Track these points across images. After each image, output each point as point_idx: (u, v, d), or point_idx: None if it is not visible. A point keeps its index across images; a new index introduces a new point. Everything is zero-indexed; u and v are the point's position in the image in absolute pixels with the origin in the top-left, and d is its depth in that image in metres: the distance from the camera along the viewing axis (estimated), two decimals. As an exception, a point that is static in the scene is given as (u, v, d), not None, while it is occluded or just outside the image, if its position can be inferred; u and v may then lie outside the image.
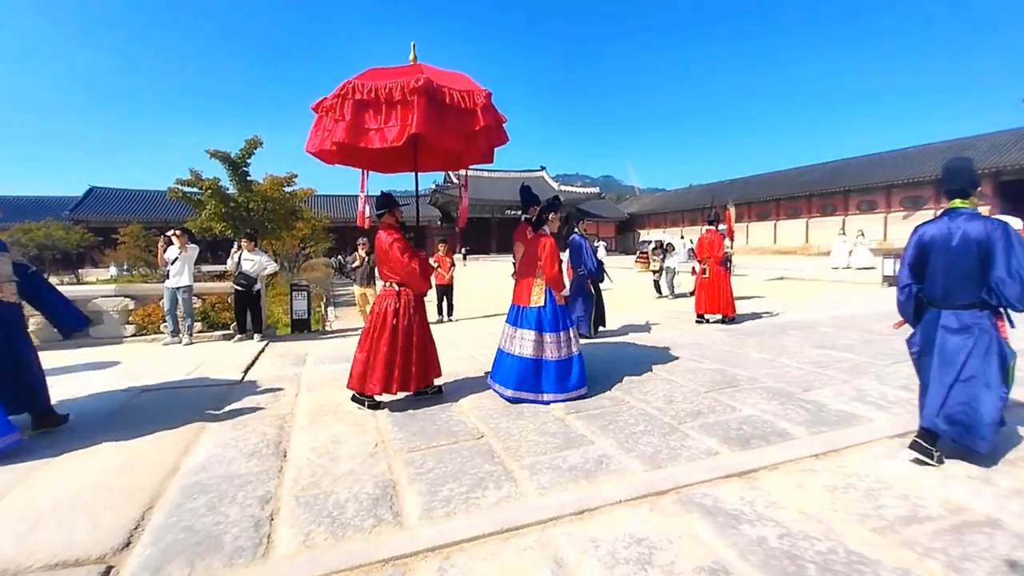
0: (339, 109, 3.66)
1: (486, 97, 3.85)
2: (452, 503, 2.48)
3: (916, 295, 3.07)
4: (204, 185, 12.94)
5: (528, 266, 4.21)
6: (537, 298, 4.13)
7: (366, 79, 3.69)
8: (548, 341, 4.07)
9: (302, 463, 2.98)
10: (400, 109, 3.62)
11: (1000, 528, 2.17)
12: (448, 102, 3.71)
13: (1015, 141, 26.83)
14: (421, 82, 3.54)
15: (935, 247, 2.93)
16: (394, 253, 3.91)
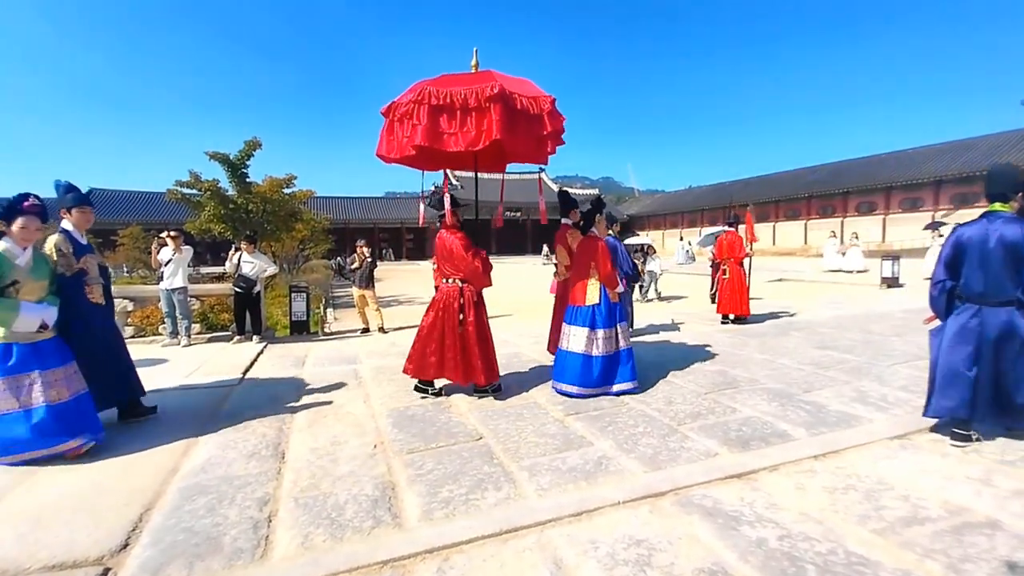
0: (415, 114, 3.78)
1: (551, 103, 4.00)
2: (451, 504, 2.47)
3: (950, 291, 3.23)
4: (203, 187, 12.94)
5: (581, 267, 4.38)
6: (592, 296, 4.28)
7: (440, 84, 3.82)
8: (600, 337, 4.19)
9: (301, 464, 2.98)
10: (475, 115, 3.76)
11: (1000, 529, 2.17)
12: (519, 108, 3.84)
13: (1015, 142, 26.90)
14: (496, 90, 3.68)
15: (972, 247, 3.08)
16: (458, 251, 4.09)
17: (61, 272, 3.40)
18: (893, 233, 29.97)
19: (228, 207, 13.06)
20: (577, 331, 4.24)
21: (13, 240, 3.08)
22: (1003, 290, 2.98)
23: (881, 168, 33.03)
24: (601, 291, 4.27)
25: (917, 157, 31.78)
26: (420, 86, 3.86)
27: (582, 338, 4.19)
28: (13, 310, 2.96)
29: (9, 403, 2.96)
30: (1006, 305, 2.98)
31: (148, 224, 26.42)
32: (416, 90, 3.85)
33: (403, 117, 3.89)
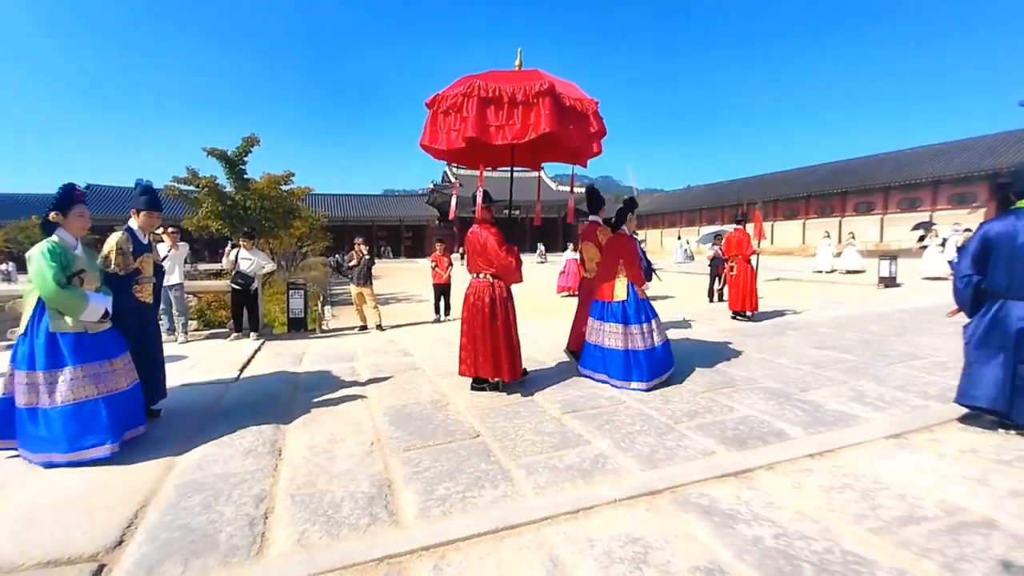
0: (464, 106, 3.88)
1: (596, 105, 4.18)
2: (448, 502, 2.47)
3: (975, 285, 3.34)
4: (201, 183, 12.89)
5: (611, 263, 4.51)
6: (620, 293, 4.40)
7: (488, 79, 3.93)
8: (634, 332, 4.31)
9: (298, 462, 2.97)
10: (523, 109, 3.85)
11: (996, 529, 2.17)
12: (567, 105, 3.98)
13: (1012, 143, 26.94)
14: (546, 86, 3.80)
15: (1000, 243, 3.21)
16: (492, 247, 4.15)
17: (115, 270, 3.48)
18: (891, 233, 30.03)
19: (226, 204, 13.02)
20: (608, 327, 4.37)
21: (68, 231, 3.10)
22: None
23: (879, 168, 33.07)
24: (629, 288, 4.39)
25: (915, 157, 31.83)
26: (469, 80, 3.96)
27: (617, 334, 4.32)
28: (84, 299, 2.98)
29: (75, 393, 2.94)
30: None
31: (146, 220, 26.30)
32: (465, 83, 3.94)
33: (450, 109, 3.98)
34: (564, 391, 4.27)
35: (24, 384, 2.91)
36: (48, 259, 2.87)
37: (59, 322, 2.94)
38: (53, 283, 2.85)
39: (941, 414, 3.56)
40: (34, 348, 2.92)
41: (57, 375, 2.92)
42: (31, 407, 2.91)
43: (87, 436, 2.93)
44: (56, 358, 2.93)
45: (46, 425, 2.89)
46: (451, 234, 43.66)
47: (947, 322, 7.21)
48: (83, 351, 2.99)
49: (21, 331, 2.97)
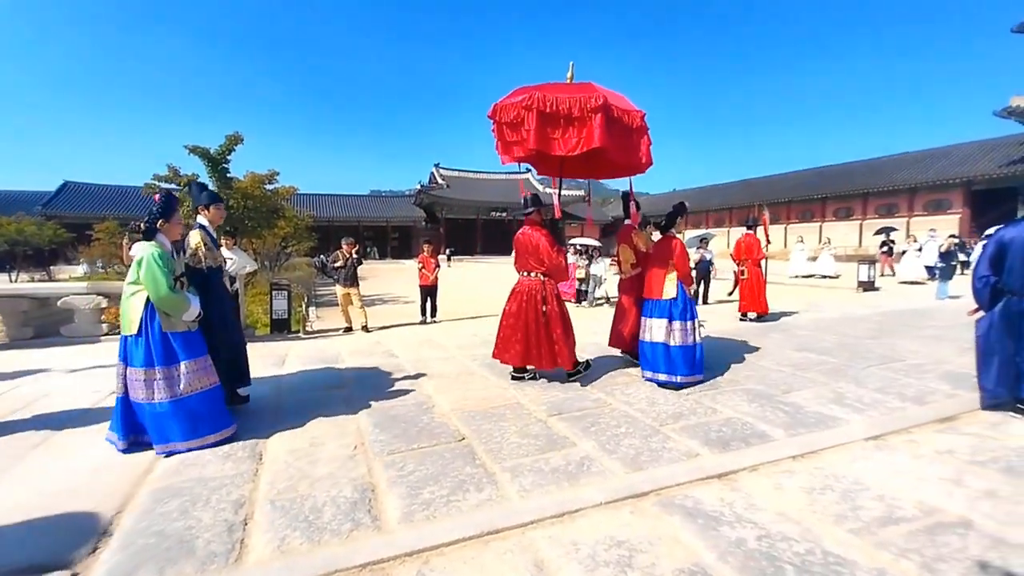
0: (526, 119, 4.13)
1: (642, 118, 4.37)
2: (432, 506, 2.44)
3: (993, 285, 3.65)
4: (182, 181, 12.65)
5: (660, 263, 4.74)
6: (670, 290, 4.61)
7: (545, 92, 4.13)
8: (676, 328, 4.50)
9: (279, 466, 2.92)
10: (577, 123, 4.09)
11: (972, 529, 2.22)
12: (615, 116, 4.18)
13: (985, 151, 27.71)
14: (600, 101, 4.02)
15: (1014, 246, 3.56)
16: (544, 248, 4.47)
17: (208, 265, 3.69)
18: (869, 238, 30.67)
19: (208, 202, 12.80)
20: (656, 322, 4.58)
21: (167, 237, 3.33)
22: None
23: (859, 175, 33.79)
24: (679, 286, 4.62)
25: (893, 165, 32.58)
26: (528, 92, 4.17)
27: (662, 329, 4.52)
28: (188, 301, 3.22)
29: (191, 386, 3.16)
30: None
31: (124, 219, 25.75)
32: (523, 95, 4.17)
33: (512, 121, 4.25)
34: (550, 393, 4.27)
35: (141, 380, 3.09)
36: (160, 265, 3.08)
37: (169, 322, 3.16)
38: (166, 288, 3.08)
39: (918, 416, 3.64)
40: (150, 346, 3.11)
41: (173, 370, 3.14)
42: (148, 402, 3.10)
43: (203, 424, 3.18)
44: (170, 355, 3.15)
45: (165, 417, 3.09)
46: (438, 235, 43.62)
47: (923, 325, 7.38)
48: (191, 347, 3.22)
49: (133, 331, 3.12)
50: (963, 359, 5.32)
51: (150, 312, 3.13)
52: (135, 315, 3.12)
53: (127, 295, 3.18)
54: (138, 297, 3.14)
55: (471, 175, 52.63)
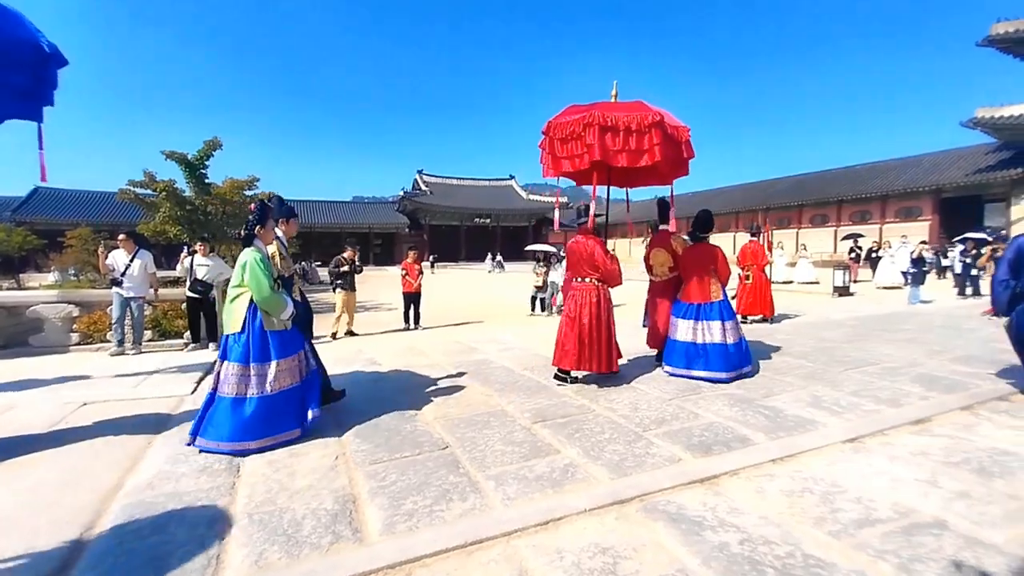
0: (588, 134, 4.41)
1: (687, 132, 4.74)
2: (415, 517, 2.41)
3: (1013, 289, 3.93)
4: (158, 187, 12.40)
5: (700, 268, 5.05)
6: (716, 294, 4.97)
7: (603, 109, 4.45)
8: (728, 328, 4.86)
9: (257, 478, 2.85)
10: (636, 137, 4.39)
11: (947, 529, 2.27)
12: (668, 132, 4.50)
13: (953, 161, 28.67)
14: (657, 118, 4.37)
15: None
16: (599, 255, 4.71)
17: (280, 273, 3.76)
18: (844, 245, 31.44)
19: (185, 209, 12.55)
20: (708, 325, 4.88)
21: (263, 242, 3.58)
22: None
23: (834, 182, 34.64)
24: (723, 289, 4.99)
25: (866, 173, 33.49)
26: (584, 109, 4.52)
27: (716, 329, 4.84)
28: (285, 301, 3.46)
29: (280, 383, 3.34)
30: None
31: (98, 225, 25.13)
32: (580, 112, 4.52)
33: (568, 136, 4.58)
34: (534, 400, 4.26)
35: (236, 376, 3.27)
36: (262, 268, 3.34)
37: (269, 321, 3.39)
38: (268, 288, 3.33)
39: (893, 418, 3.71)
40: (249, 344, 3.31)
41: (265, 368, 3.32)
42: (238, 397, 3.25)
43: (279, 423, 3.30)
44: (265, 353, 3.34)
45: (251, 413, 3.23)
46: (422, 242, 43.43)
47: (896, 329, 7.57)
48: (284, 346, 3.42)
49: (237, 329, 3.34)
50: (934, 362, 5.48)
51: (253, 312, 3.36)
52: (239, 314, 3.36)
53: (231, 297, 3.42)
54: (242, 298, 3.38)
55: (455, 181, 52.64)
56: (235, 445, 3.16)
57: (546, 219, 52.60)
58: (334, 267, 8.98)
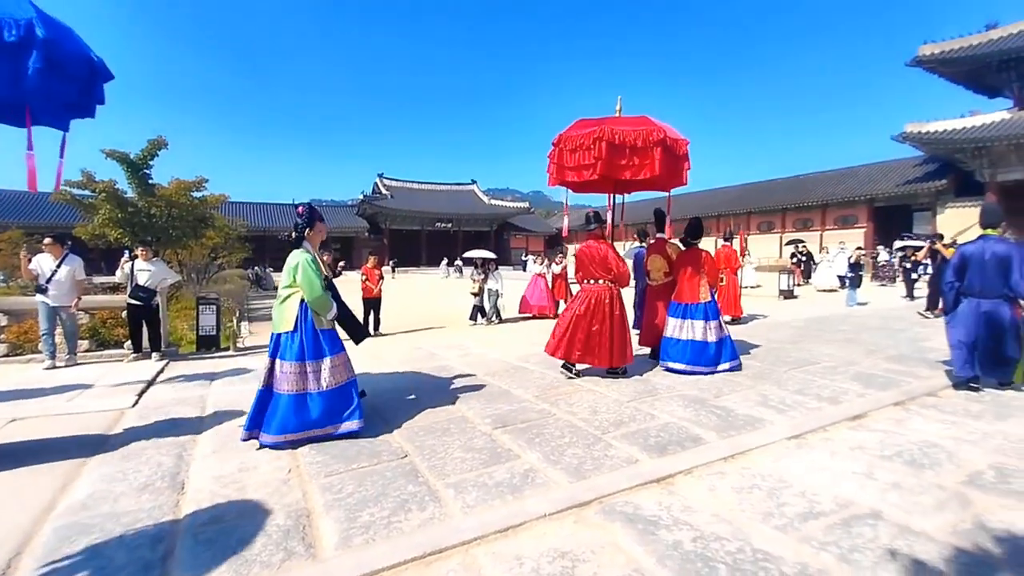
0: (596, 148, 4.81)
1: (686, 145, 5.21)
2: (372, 529, 2.35)
3: (957, 289, 4.66)
4: (98, 188, 11.67)
5: (692, 271, 5.45)
6: (704, 295, 5.37)
7: (611, 125, 4.87)
8: (712, 327, 5.26)
9: (203, 496, 2.71)
10: (641, 153, 4.84)
11: (882, 519, 2.41)
12: (669, 146, 4.93)
13: (885, 172, 30.73)
14: (660, 136, 4.81)
15: (973, 259, 4.55)
16: (612, 258, 5.11)
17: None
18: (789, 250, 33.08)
19: (127, 211, 11.86)
20: (693, 324, 5.28)
21: (311, 244, 3.73)
22: (994, 289, 4.47)
23: (779, 191, 36.43)
24: (711, 291, 5.43)
25: (808, 182, 35.39)
26: (594, 124, 4.94)
27: (699, 328, 5.24)
28: (332, 302, 3.65)
29: (336, 378, 3.51)
30: (996, 298, 4.46)
31: (31, 228, 23.39)
32: (590, 127, 4.92)
33: (577, 148, 4.97)
34: (495, 405, 4.26)
35: (295, 373, 3.41)
36: (313, 269, 3.50)
37: (319, 320, 3.55)
38: (319, 288, 3.50)
39: (833, 415, 3.93)
40: (303, 342, 3.47)
41: (320, 364, 3.49)
42: (300, 393, 3.40)
43: (340, 415, 3.48)
44: (319, 350, 3.50)
45: (313, 407, 3.40)
46: (382, 246, 42.67)
47: (835, 330, 8.02)
48: (334, 343, 3.60)
49: (289, 328, 3.47)
50: (870, 360, 5.84)
51: (304, 311, 3.51)
52: (291, 314, 3.50)
53: (282, 298, 3.57)
54: (294, 298, 3.53)
55: (416, 185, 52.08)
56: (300, 435, 3.35)
57: (508, 224, 52.81)
58: None
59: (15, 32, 2.56)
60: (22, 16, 2.60)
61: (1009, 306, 4.46)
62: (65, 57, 2.77)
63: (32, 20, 2.61)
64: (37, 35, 2.61)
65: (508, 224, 52.99)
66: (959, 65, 25.17)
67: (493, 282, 10.41)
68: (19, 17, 2.59)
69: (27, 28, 2.59)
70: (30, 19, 2.61)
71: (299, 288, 3.49)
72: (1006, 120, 23.91)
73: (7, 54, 2.59)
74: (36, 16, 2.63)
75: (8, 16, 2.56)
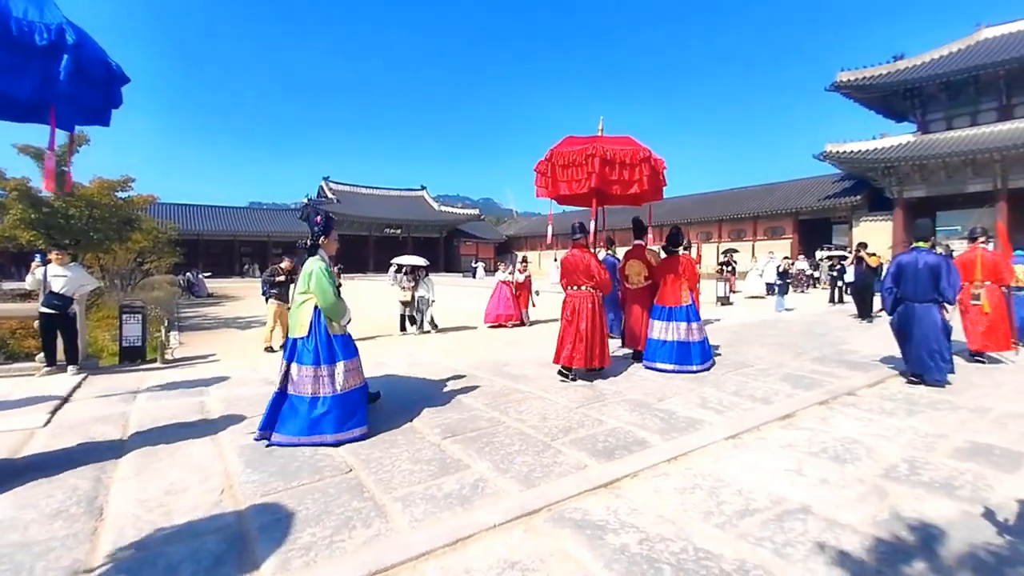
0: (589, 163, 5.30)
1: (664, 164, 5.81)
2: (313, 550, 2.24)
3: (895, 295, 5.37)
4: (8, 186, 10.59)
5: (674, 277, 5.88)
6: (685, 299, 5.81)
7: (602, 143, 5.40)
8: (694, 328, 5.70)
9: (125, 521, 2.50)
10: (629, 169, 5.41)
11: (811, 514, 2.57)
12: (652, 164, 5.57)
13: (808, 188, 33.13)
14: (646, 155, 5.48)
15: (907, 268, 5.27)
16: (595, 266, 5.47)
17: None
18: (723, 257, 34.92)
19: (41, 211, 10.83)
20: (677, 325, 5.68)
21: (326, 252, 3.87)
22: (926, 294, 5.17)
23: (715, 204, 38.43)
24: (691, 295, 5.85)
25: (741, 196, 37.56)
26: (586, 141, 5.50)
27: (682, 329, 5.66)
28: (346, 308, 3.79)
29: (346, 383, 3.61)
30: (928, 302, 5.17)
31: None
32: (582, 144, 5.46)
33: (570, 164, 5.46)
34: (444, 415, 4.20)
35: (310, 377, 3.54)
36: (327, 277, 3.65)
37: (332, 326, 3.68)
38: (333, 295, 3.65)
39: (765, 415, 4.16)
40: (318, 347, 3.59)
41: (334, 368, 3.60)
42: (314, 396, 3.51)
43: (351, 419, 3.58)
44: (332, 355, 3.62)
45: (323, 410, 3.50)
46: (326, 252, 41.21)
47: (767, 335, 8.52)
48: (347, 349, 3.73)
49: (304, 333, 3.60)
50: (797, 362, 6.24)
51: (318, 317, 3.64)
52: (305, 319, 3.62)
53: (298, 303, 3.69)
54: (308, 304, 3.64)
55: (364, 190, 50.88)
56: (314, 439, 3.45)
57: (458, 231, 52.55)
58: (269, 275, 8.62)
59: (47, 36, 2.68)
60: (52, 21, 2.72)
61: (938, 308, 5.18)
62: (88, 61, 2.90)
63: (63, 25, 2.73)
64: (67, 40, 2.73)
65: (458, 231, 52.74)
66: (871, 91, 27.66)
67: (424, 289, 10.10)
68: (50, 22, 2.71)
69: (58, 32, 2.71)
70: (60, 24, 2.73)
71: (313, 295, 3.62)
72: (911, 143, 26.48)
73: (39, 57, 2.71)
74: (65, 21, 2.76)
75: (39, 20, 2.68)
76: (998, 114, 24.83)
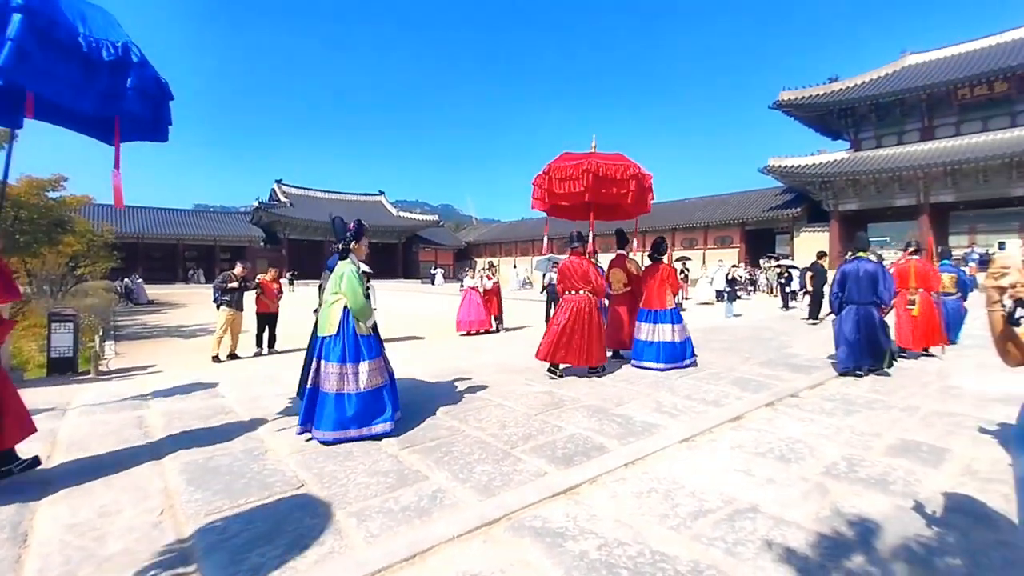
0: (582, 178, 5.83)
1: (651, 179, 6.39)
2: (261, 572, 2.13)
3: (841, 299, 6.08)
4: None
5: (657, 283, 6.37)
6: (670, 302, 6.33)
7: (596, 159, 5.94)
8: (678, 329, 6.23)
9: (52, 548, 2.30)
10: (618, 184, 5.97)
11: (759, 512, 2.67)
12: (641, 180, 6.18)
13: (754, 200, 34.83)
14: (634, 171, 6.06)
15: (850, 275, 6.02)
16: (593, 272, 5.86)
17: None
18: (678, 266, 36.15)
19: (-46, 211, 9.94)
20: (662, 327, 6.20)
21: (357, 256, 4.02)
22: (867, 297, 5.89)
23: (668, 213, 39.73)
24: (674, 299, 6.42)
25: (691, 206, 39.05)
26: (581, 157, 6.02)
27: (668, 331, 6.16)
28: (373, 311, 3.95)
29: (371, 381, 3.76)
30: (869, 305, 5.88)
31: None
32: (577, 159, 5.98)
33: (565, 178, 5.97)
34: (402, 425, 4.11)
35: (336, 374, 3.68)
36: (357, 279, 3.83)
37: (359, 326, 3.83)
38: (362, 297, 3.82)
39: (716, 417, 4.31)
40: (345, 346, 3.73)
41: (359, 367, 3.74)
42: (339, 393, 3.67)
43: (375, 415, 3.76)
44: (358, 354, 3.76)
45: (349, 407, 3.66)
46: (280, 257, 39.82)
47: (717, 339, 8.85)
48: (373, 349, 3.87)
49: (333, 331, 3.75)
50: (746, 366, 6.51)
51: (346, 317, 3.79)
52: (335, 319, 3.78)
53: (328, 303, 3.86)
54: (338, 305, 3.81)
55: (319, 194, 49.56)
56: (339, 434, 3.61)
57: (417, 237, 51.96)
58: (221, 282, 8.32)
59: (113, 52, 2.84)
60: (117, 38, 2.89)
61: (876, 309, 5.90)
62: (147, 80, 3.06)
63: (128, 43, 2.91)
64: (132, 58, 2.90)
65: (417, 237, 52.17)
66: (809, 110, 29.51)
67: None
68: (115, 39, 2.88)
69: (124, 50, 2.88)
70: (126, 42, 2.90)
71: (344, 295, 3.78)
72: (845, 159, 28.38)
73: (104, 72, 2.85)
74: (129, 40, 2.92)
75: (104, 37, 2.84)
76: (920, 134, 27.04)
